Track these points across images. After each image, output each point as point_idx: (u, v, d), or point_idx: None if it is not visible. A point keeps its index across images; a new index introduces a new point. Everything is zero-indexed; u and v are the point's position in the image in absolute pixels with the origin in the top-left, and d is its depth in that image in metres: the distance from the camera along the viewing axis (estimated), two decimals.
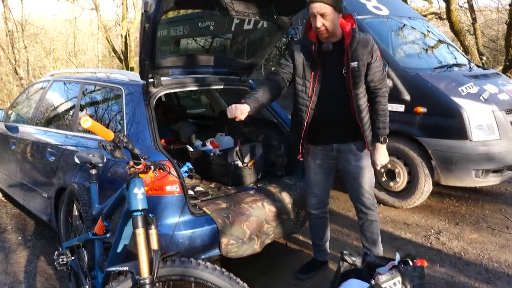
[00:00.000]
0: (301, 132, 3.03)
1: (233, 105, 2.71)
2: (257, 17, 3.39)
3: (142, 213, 2.00)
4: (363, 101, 2.86)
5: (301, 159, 3.20)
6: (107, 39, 18.42)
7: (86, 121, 1.88)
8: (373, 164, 3.04)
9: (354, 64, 2.78)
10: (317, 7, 2.71)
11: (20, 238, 4.42)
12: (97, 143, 2.06)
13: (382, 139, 2.95)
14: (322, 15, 2.71)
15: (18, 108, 5.21)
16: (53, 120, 4.26)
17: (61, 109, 4.26)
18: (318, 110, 2.96)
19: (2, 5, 14.17)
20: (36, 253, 4.01)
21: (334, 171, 3.24)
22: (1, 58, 16.23)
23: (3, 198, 5.73)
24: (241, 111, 2.68)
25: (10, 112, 5.24)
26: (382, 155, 3.01)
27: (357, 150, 3.01)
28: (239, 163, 3.68)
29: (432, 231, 4.21)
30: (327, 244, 3.50)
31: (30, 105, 4.84)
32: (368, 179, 3.05)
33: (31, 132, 4.36)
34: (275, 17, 3.43)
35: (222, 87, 3.86)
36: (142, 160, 2.08)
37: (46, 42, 18.33)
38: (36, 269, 3.73)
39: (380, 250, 3.26)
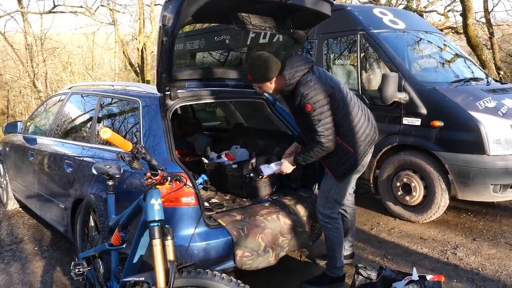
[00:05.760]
0: None
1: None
2: (274, 31, 3.42)
3: (159, 224, 2.01)
4: (305, 133, 3.20)
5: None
6: (123, 52, 18.68)
7: (105, 132, 1.91)
8: None
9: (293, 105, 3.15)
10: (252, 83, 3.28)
11: (36, 248, 4.46)
12: (116, 154, 2.08)
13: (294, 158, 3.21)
14: (257, 87, 3.23)
15: (36, 120, 5.29)
16: (71, 132, 4.32)
17: (79, 121, 4.31)
18: None
19: (22, 20, 14.48)
20: (52, 264, 4.04)
21: None
22: (20, 72, 16.53)
23: (20, 209, 5.79)
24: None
25: (28, 124, 5.33)
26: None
27: None
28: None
29: (449, 246, 4.15)
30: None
31: (48, 117, 4.91)
32: (322, 189, 3.32)
33: (49, 143, 4.41)
34: (291, 31, 3.46)
35: (237, 99, 3.87)
36: (159, 171, 2.10)
37: (63, 56, 18.64)
38: (52, 279, 3.75)
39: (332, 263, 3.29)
